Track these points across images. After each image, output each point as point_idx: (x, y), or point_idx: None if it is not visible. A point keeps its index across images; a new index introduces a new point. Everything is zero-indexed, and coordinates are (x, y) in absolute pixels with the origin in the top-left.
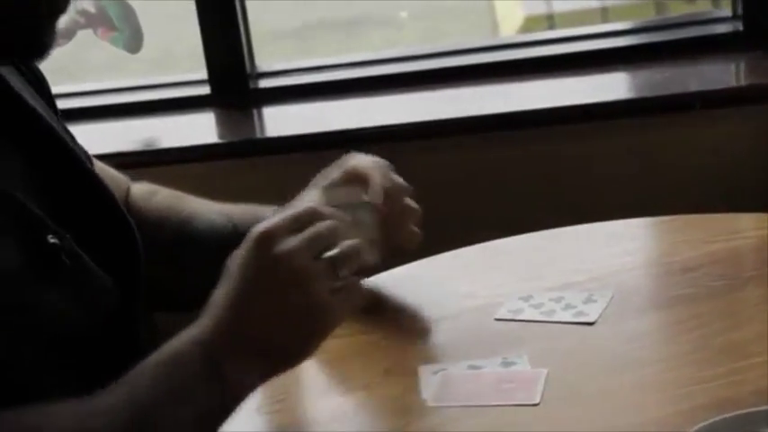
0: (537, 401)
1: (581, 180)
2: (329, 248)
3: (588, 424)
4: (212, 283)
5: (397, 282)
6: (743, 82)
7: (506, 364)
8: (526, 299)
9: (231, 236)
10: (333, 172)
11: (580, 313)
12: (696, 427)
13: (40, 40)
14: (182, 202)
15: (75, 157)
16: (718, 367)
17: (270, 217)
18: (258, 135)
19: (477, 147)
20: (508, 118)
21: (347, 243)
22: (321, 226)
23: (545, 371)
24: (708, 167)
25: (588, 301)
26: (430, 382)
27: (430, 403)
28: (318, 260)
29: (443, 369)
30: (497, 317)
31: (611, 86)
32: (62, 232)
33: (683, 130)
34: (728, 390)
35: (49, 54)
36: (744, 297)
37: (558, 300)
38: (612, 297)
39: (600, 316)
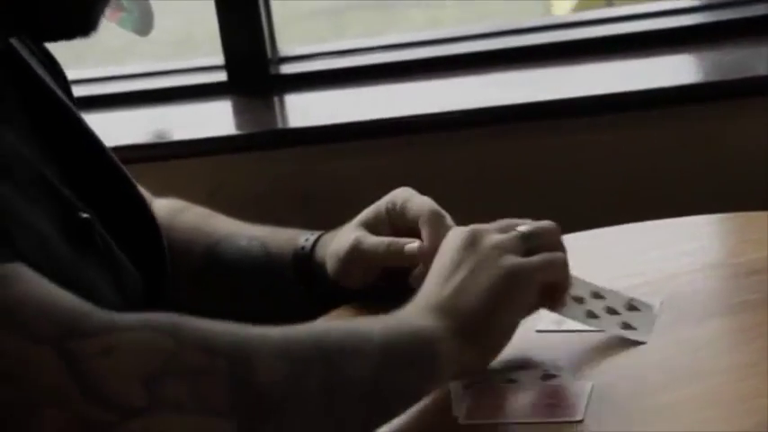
0: (580, 418)
1: (638, 173)
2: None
3: None
4: (241, 311)
5: None
6: None
7: (547, 377)
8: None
9: (264, 263)
10: (377, 207)
11: (629, 326)
12: None
13: (94, 14)
14: (210, 223)
15: (95, 142)
16: None
17: (307, 240)
18: (280, 125)
19: (526, 136)
20: (560, 105)
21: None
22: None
23: (590, 384)
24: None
25: (640, 313)
26: (461, 397)
27: (461, 421)
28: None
29: (477, 383)
30: (539, 328)
31: (674, 70)
32: (90, 212)
33: (750, 118)
34: None
35: (96, 30)
36: None
37: (609, 310)
38: (662, 303)
39: (651, 331)
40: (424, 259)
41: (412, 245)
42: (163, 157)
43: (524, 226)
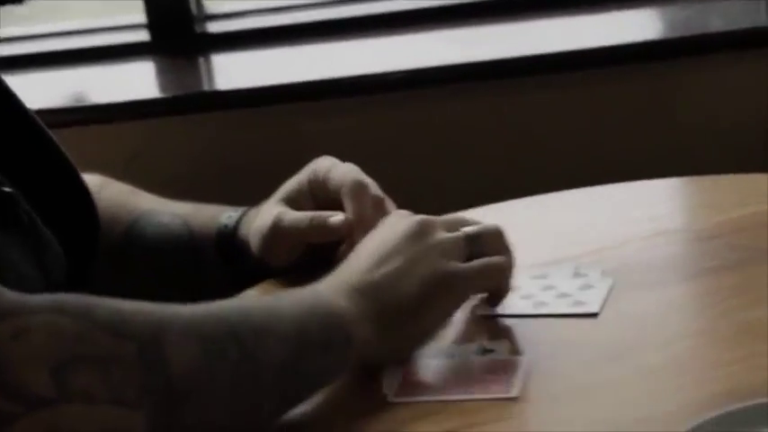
0: (515, 395)
1: (586, 135)
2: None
3: (573, 421)
4: (159, 291)
5: None
6: None
7: (483, 351)
8: None
9: (187, 241)
10: (298, 180)
11: (579, 303)
12: (691, 426)
13: None
14: (132, 200)
15: (16, 105)
16: (735, 351)
17: (230, 218)
18: (206, 88)
19: (473, 97)
20: (511, 64)
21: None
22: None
23: (525, 358)
24: (734, 119)
25: (585, 287)
26: (392, 373)
27: (391, 398)
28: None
29: (408, 358)
30: (480, 312)
31: (628, 26)
32: (14, 184)
33: (704, 77)
34: (745, 376)
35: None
36: (764, 271)
37: (549, 287)
38: (615, 273)
39: (603, 301)
40: (349, 233)
41: (335, 218)
42: (81, 121)
43: (470, 228)
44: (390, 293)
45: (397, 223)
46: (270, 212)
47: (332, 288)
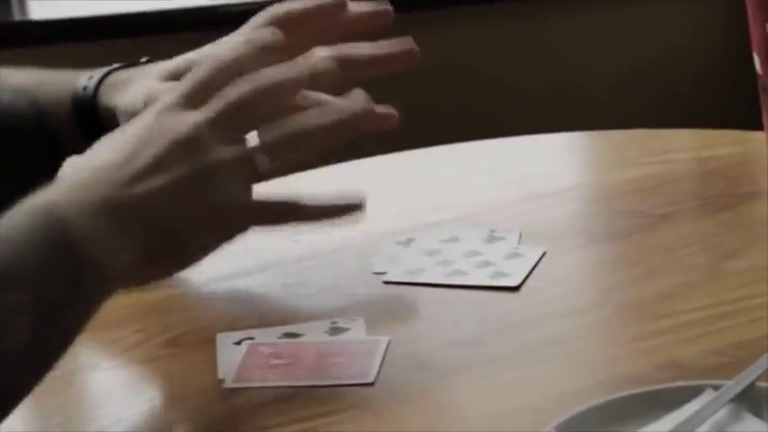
0: (371, 380)
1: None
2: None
3: (435, 411)
4: (15, 183)
5: None
6: None
7: (335, 330)
8: (406, 243)
9: (33, 124)
10: (185, 58)
11: (500, 274)
12: (553, 425)
13: None
14: None
15: None
16: (622, 332)
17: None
18: (17, 17)
19: None
20: None
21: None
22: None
23: (386, 339)
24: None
25: (513, 255)
26: (229, 355)
27: (228, 384)
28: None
29: (248, 339)
30: (387, 279)
31: None
32: None
33: (603, 15)
34: (630, 364)
35: None
36: (656, 239)
37: (453, 239)
38: (543, 252)
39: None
40: None
41: None
42: None
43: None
44: (153, 218)
45: (166, 120)
46: (141, 88)
47: (75, 203)
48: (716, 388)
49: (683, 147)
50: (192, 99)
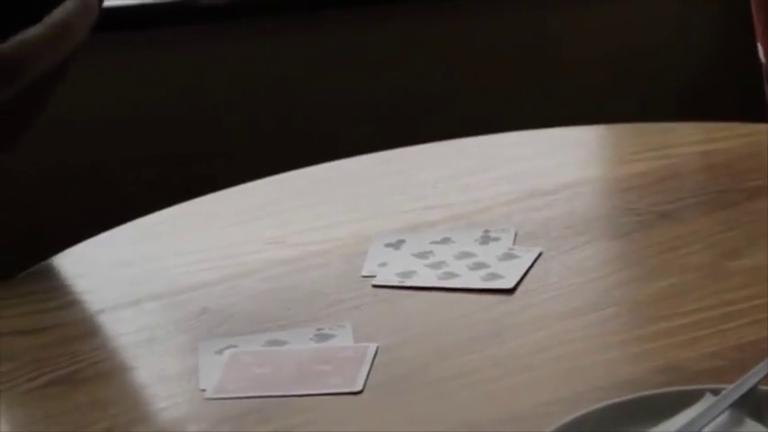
0: (358, 389)
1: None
2: None
3: (425, 419)
4: None
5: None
6: None
7: (321, 337)
8: (396, 245)
9: None
10: None
11: (493, 275)
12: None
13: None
14: None
15: None
16: (619, 336)
17: None
18: None
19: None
20: None
21: None
22: None
23: (373, 346)
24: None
25: (508, 257)
26: (211, 364)
27: (209, 395)
28: None
29: (231, 347)
30: (376, 283)
31: None
32: None
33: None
34: (628, 368)
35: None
36: (656, 238)
37: (445, 240)
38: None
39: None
40: None
41: None
42: None
43: None
44: None
45: None
46: None
47: None
48: (715, 392)
49: (685, 140)
50: None
